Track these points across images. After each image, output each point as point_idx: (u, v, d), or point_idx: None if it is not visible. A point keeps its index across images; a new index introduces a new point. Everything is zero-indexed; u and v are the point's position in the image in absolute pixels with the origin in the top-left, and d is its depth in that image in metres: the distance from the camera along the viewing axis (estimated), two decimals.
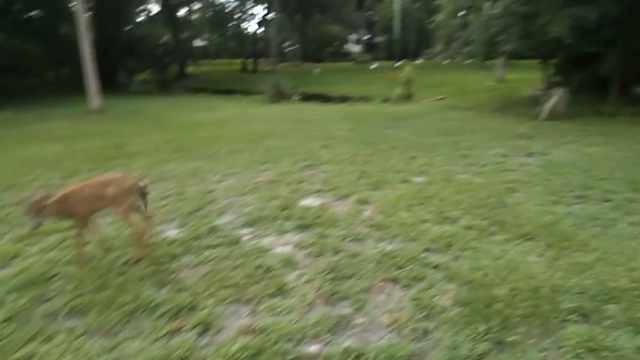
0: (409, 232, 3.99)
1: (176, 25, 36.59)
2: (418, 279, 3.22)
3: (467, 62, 11.97)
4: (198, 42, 72.63)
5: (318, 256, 3.65)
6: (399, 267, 3.39)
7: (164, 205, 5.08)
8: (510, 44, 9.82)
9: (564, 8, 9.40)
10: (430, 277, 3.22)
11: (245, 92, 25.42)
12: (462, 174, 5.88)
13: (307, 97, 22.77)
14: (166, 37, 36.77)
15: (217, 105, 16.91)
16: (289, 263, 3.53)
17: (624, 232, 3.90)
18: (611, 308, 2.78)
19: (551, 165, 6.15)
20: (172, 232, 4.28)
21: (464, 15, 12.54)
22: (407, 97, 15.09)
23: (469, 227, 4.07)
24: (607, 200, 4.71)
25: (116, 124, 12.09)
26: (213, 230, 4.29)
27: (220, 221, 4.51)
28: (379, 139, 8.50)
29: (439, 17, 12.60)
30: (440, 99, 17.18)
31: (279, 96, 17.84)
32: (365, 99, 19.40)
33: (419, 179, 5.72)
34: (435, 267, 3.38)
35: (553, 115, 9.77)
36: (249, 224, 4.41)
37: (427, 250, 3.67)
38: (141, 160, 7.48)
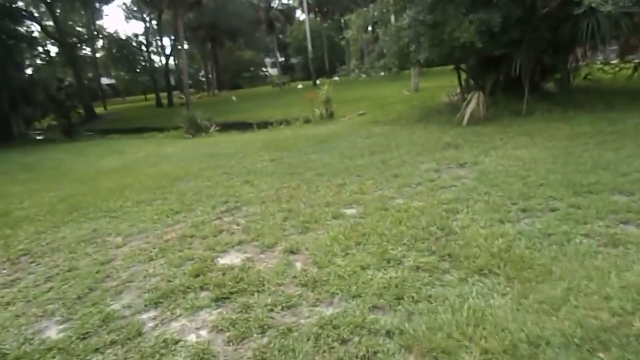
0: (350, 286, 3.31)
1: (77, 65, 34.16)
2: (369, 355, 2.53)
3: (381, 74, 11.62)
4: (106, 81, 69.49)
5: (242, 341, 2.86)
6: (343, 341, 2.69)
7: (47, 290, 4.05)
8: (422, 53, 9.68)
9: (467, 14, 9.43)
10: (384, 350, 2.55)
11: (160, 129, 24.08)
12: (397, 199, 5.36)
13: (226, 127, 21.91)
14: (67, 79, 34.21)
15: (127, 147, 15.54)
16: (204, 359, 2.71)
17: (583, 249, 3.49)
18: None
19: (486, 176, 5.81)
20: (52, 333, 3.29)
21: (373, 29, 12.39)
22: (328, 116, 14.72)
23: (417, 268, 3.48)
24: (553, 210, 4.36)
25: (1, 185, 10.47)
26: (107, 320, 3.34)
27: (117, 305, 3.58)
28: (304, 167, 7.87)
29: (349, 34, 12.31)
30: (361, 114, 17.06)
31: (195, 130, 16.81)
32: (286, 122, 18.91)
33: (352, 211, 5.11)
34: (388, 333, 2.72)
35: (474, 120, 9.71)
36: (154, 303, 3.51)
37: (374, 308, 3.00)
38: (28, 228, 6.26)
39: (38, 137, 25.32)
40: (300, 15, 63.23)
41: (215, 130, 17.00)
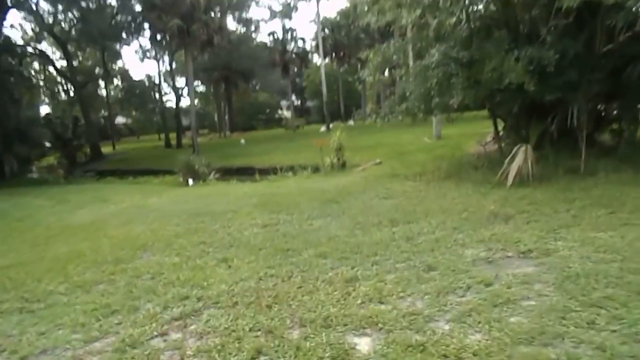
0: None
1: (85, 103, 33.42)
2: None
3: (399, 119, 9.79)
4: (122, 120, 69.73)
5: None
6: None
7: None
8: (455, 97, 7.89)
9: (511, 50, 7.67)
10: None
11: (161, 172, 22.59)
12: (438, 321, 3.36)
13: (229, 173, 20.24)
14: (72, 118, 33.44)
15: (114, 194, 13.84)
16: None
17: None
18: None
19: (572, 281, 3.79)
20: None
21: (392, 69, 10.75)
22: (340, 166, 12.90)
23: None
24: None
25: None
26: None
27: None
28: (302, 240, 5.94)
29: (365, 73, 10.65)
30: (377, 164, 15.24)
31: (192, 176, 15.13)
32: (293, 169, 17.16)
33: (364, 346, 3.12)
34: None
35: (521, 180, 7.74)
36: None
37: None
38: None
39: (33, 177, 23.96)
40: (316, 59, 63.30)
41: (214, 178, 15.33)
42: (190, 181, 14.50)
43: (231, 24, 65.25)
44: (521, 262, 4.43)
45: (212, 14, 24.61)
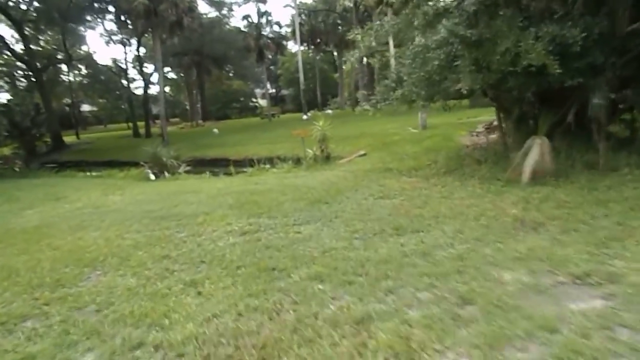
0: None
1: (45, 90, 31.12)
2: None
3: (394, 107, 8.66)
4: (88, 107, 66.63)
5: None
6: None
7: None
8: (463, 81, 6.83)
9: (528, 28, 6.65)
10: None
11: (127, 164, 21.01)
12: None
13: (201, 164, 18.85)
14: (32, 105, 31.09)
15: (71, 190, 12.34)
16: None
17: None
18: None
19: None
20: None
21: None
22: (324, 158, 11.77)
23: None
24: None
25: None
26: None
27: None
28: (290, 256, 4.81)
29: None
30: (361, 155, 14.18)
31: (160, 169, 13.75)
32: (271, 161, 15.96)
33: None
34: None
35: (538, 177, 6.78)
36: None
37: None
38: None
39: None
40: (292, 46, 61.67)
41: (184, 171, 13.98)
42: (152, 176, 13.16)
43: (203, 7, 62.85)
44: (581, 292, 3.42)
45: None
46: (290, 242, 5.31)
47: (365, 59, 45.75)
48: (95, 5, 30.10)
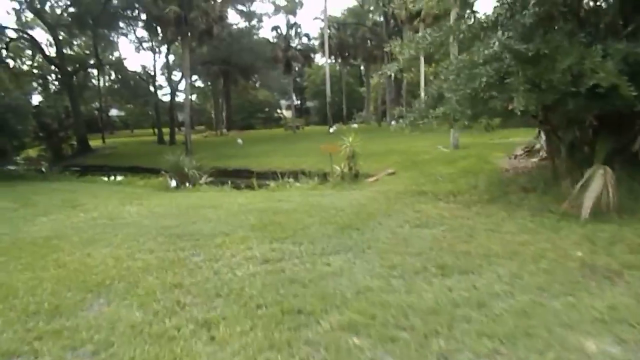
0: None
1: (74, 93, 31.43)
2: None
3: (433, 126, 7.96)
4: (117, 112, 67.71)
5: None
6: None
7: None
8: (519, 100, 6.11)
9: (593, 44, 5.92)
10: None
11: (149, 171, 20.81)
12: None
13: (223, 174, 18.41)
14: (63, 108, 31.46)
15: (90, 196, 11.99)
16: None
17: None
18: None
19: None
20: None
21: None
22: (352, 176, 11.11)
23: None
24: None
25: None
26: None
27: None
28: (318, 293, 4.19)
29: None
30: (390, 173, 13.49)
31: (181, 179, 13.32)
32: (295, 175, 15.39)
33: None
34: None
35: (600, 212, 5.98)
36: None
37: None
38: None
39: (10, 169, 22.02)
40: (319, 59, 61.57)
41: (205, 182, 13.51)
42: (173, 184, 12.71)
43: (233, 16, 63.41)
44: None
45: (212, 2, 22.80)
46: (318, 277, 4.65)
47: (392, 74, 44.95)
48: (128, 12, 30.40)
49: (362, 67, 65.08)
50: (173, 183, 12.96)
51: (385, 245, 5.64)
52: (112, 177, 21.74)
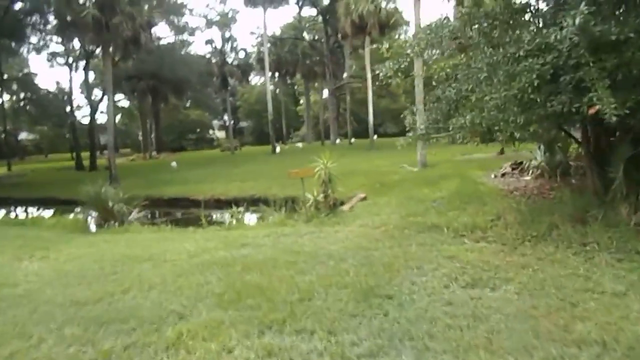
0: None
1: None
2: None
3: (460, 141, 6.10)
4: (27, 135, 61.08)
5: None
6: None
7: None
8: (600, 101, 4.33)
9: None
10: None
11: (67, 202, 17.37)
12: None
13: (157, 204, 15.59)
14: None
15: None
16: None
17: None
18: None
19: None
20: None
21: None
22: (329, 207, 8.91)
23: None
24: None
25: None
26: None
27: None
28: None
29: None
30: (362, 199, 11.51)
31: (105, 217, 10.42)
32: (247, 203, 13.03)
33: None
34: None
35: None
36: None
37: None
38: None
39: None
40: (252, 77, 59.37)
41: (136, 219, 10.69)
42: (92, 226, 9.86)
43: (162, 30, 59.54)
44: None
45: (139, 7, 19.90)
46: None
47: (326, 92, 43.81)
48: (36, 17, 26.15)
49: (296, 86, 63.80)
50: (94, 223, 10.11)
51: (452, 331, 3.49)
52: (14, 214, 17.94)
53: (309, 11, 43.02)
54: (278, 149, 32.06)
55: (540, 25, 5.78)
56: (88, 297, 4.97)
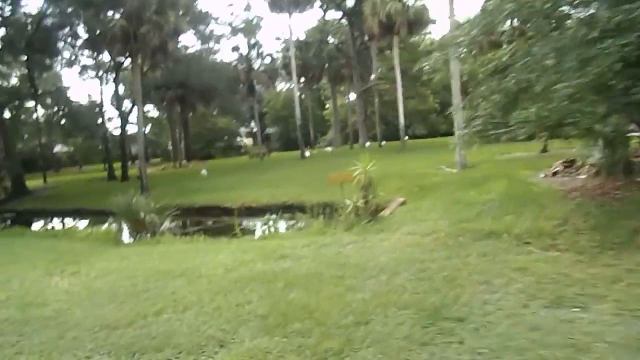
0: None
1: (5, 129, 27.27)
2: None
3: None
4: (62, 148, 62.61)
5: None
6: None
7: None
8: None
9: None
10: None
11: (99, 213, 17.30)
12: None
13: (188, 213, 15.34)
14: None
15: (4, 259, 8.57)
16: None
17: None
18: None
19: None
20: None
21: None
22: (370, 213, 8.31)
23: None
24: None
25: None
26: None
27: None
28: None
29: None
30: (402, 204, 10.92)
31: (137, 228, 10.13)
32: (286, 209, 12.63)
33: None
34: None
35: None
36: None
37: None
38: None
39: None
40: (278, 83, 59.34)
41: (168, 229, 10.38)
42: (125, 237, 9.59)
43: (188, 39, 60.21)
44: None
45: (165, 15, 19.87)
46: None
47: (353, 95, 43.16)
48: (66, 30, 26.58)
49: (321, 91, 63.41)
50: (126, 235, 9.85)
51: None
52: (50, 225, 18.04)
53: (334, 14, 42.66)
54: (308, 154, 31.61)
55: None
56: (119, 319, 4.54)
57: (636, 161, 9.09)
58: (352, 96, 45.13)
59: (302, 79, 44.23)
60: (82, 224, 17.37)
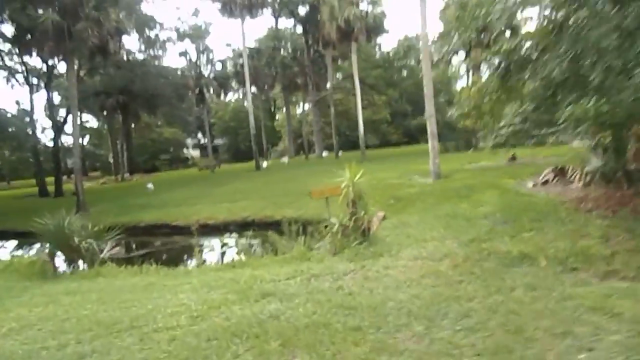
0: None
1: None
2: None
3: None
4: None
5: None
6: None
7: None
8: None
9: None
10: None
11: (26, 235, 14.92)
12: None
13: (139, 233, 13.53)
14: None
15: None
16: None
17: None
18: None
19: None
20: None
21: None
22: (361, 233, 7.01)
23: None
24: None
25: None
26: None
27: None
28: None
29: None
30: (383, 219, 9.80)
31: (71, 255, 8.28)
32: (249, 227, 11.18)
33: None
34: None
35: None
36: None
37: None
38: None
39: None
40: (224, 94, 57.29)
41: (110, 255, 8.59)
42: (59, 268, 7.72)
43: (132, 44, 56.65)
44: None
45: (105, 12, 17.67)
46: None
47: (307, 105, 42.19)
48: None
49: (272, 101, 62.00)
50: (59, 268, 7.97)
51: None
52: None
53: (287, 22, 41.61)
54: (265, 164, 30.04)
55: None
56: None
57: (633, 169, 8.44)
58: (306, 106, 44.11)
59: (254, 88, 42.69)
60: (5, 250, 14.97)
